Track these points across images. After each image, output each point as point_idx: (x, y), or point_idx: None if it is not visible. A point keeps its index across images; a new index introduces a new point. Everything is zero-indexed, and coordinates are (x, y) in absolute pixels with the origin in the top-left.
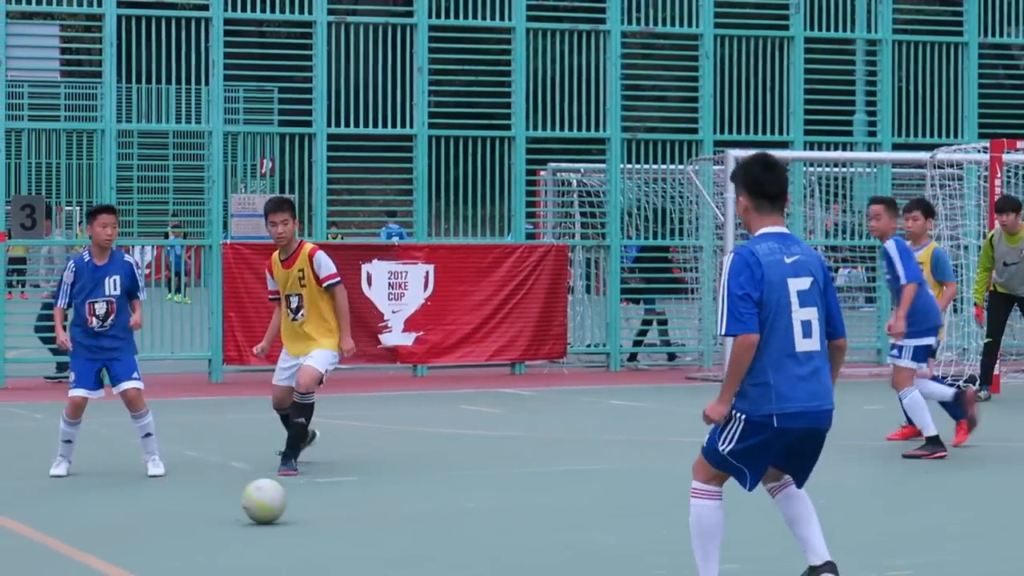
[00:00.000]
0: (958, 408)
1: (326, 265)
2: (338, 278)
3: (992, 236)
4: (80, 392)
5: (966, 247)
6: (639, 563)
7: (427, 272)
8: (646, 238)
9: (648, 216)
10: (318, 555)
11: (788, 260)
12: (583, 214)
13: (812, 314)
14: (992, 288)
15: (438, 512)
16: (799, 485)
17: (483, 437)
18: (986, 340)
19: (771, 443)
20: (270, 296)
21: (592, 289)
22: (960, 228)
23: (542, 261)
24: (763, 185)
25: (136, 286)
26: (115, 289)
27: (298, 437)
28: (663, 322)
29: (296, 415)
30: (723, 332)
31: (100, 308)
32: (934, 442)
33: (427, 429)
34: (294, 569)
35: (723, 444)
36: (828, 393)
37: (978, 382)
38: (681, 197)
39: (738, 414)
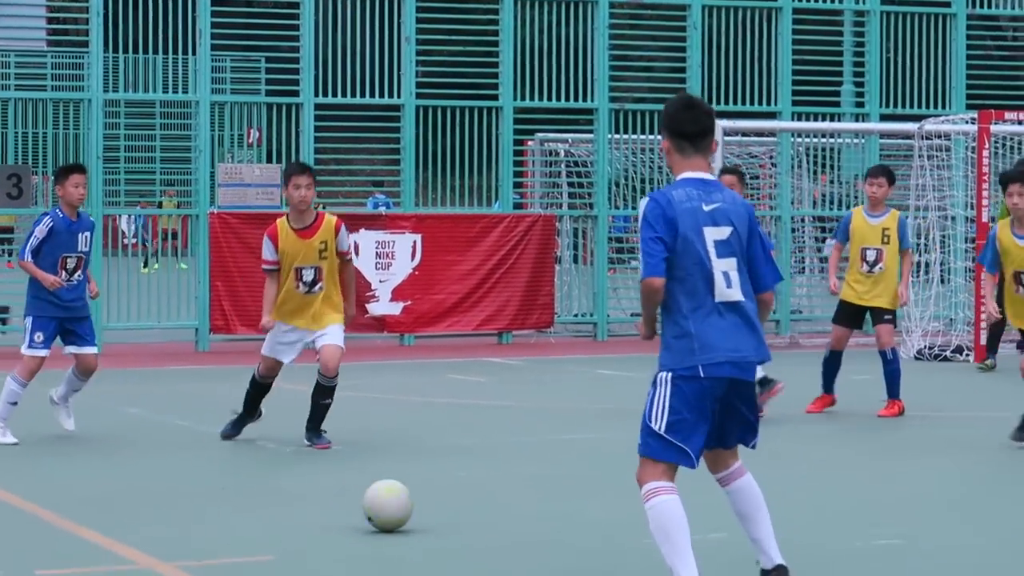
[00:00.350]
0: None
1: (348, 239)
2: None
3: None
4: (45, 353)
5: (953, 218)
6: (627, 533)
7: (414, 242)
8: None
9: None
10: (306, 524)
11: (707, 208)
12: (571, 184)
13: (731, 265)
14: None
15: (427, 481)
16: (749, 443)
17: (471, 406)
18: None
19: (703, 405)
20: (267, 267)
21: (580, 259)
22: (948, 199)
23: (530, 231)
24: (681, 124)
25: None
26: (85, 246)
27: (323, 417)
28: None
29: (324, 397)
30: (640, 277)
31: (71, 263)
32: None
33: (415, 398)
34: (282, 538)
35: (656, 421)
36: (754, 345)
37: (966, 352)
38: (669, 168)
39: (664, 375)
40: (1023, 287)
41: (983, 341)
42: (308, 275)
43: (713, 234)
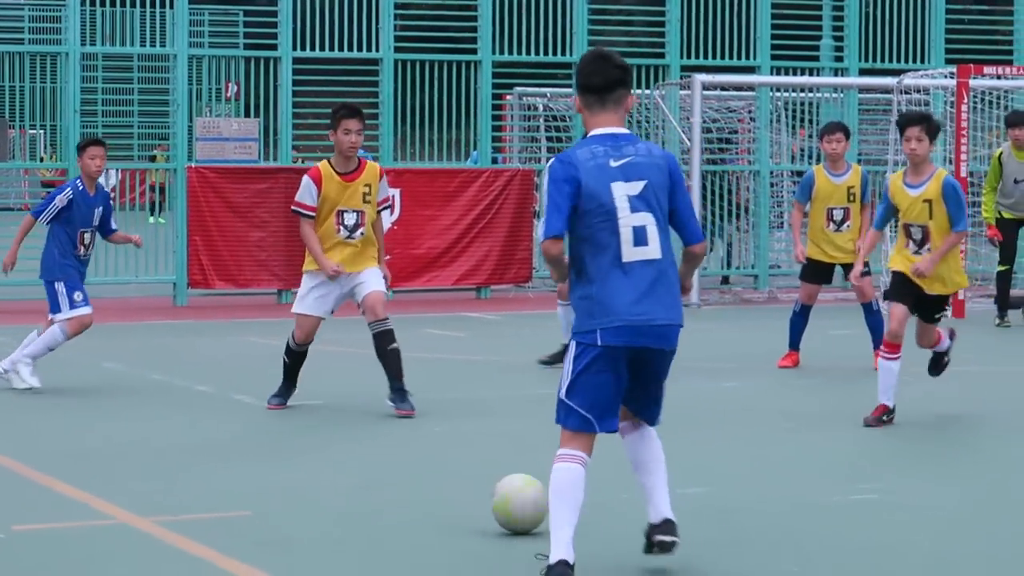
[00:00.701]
0: None
1: (387, 188)
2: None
3: (1000, 153)
4: (90, 309)
5: None
6: (604, 487)
7: (393, 196)
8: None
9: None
10: (286, 479)
11: (615, 163)
12: (549, 138)
13: (647, 219)
14: (999, 215)
15: (405, 437)
16: (650, 421)
17: (449, 361)
18: (1002, 268)
19: (605, 372)
20: (304, 211)
21: None
22: None
23: (508, 185)
24: (588, 77)
25: (110, 215)
26: (97, 220)
27: (398, 365)
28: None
29: (387, 343)
30: (542, 238)
31: (87, 237)
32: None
33: None
34: (261, 493)
35: (562, 389)
36: (667, 307)
37: (998, 309)
38: (647, 122)
39: (572, 342)
40: (913, 242)
41: (960, 296)
42: (350, 219)
43: (625, 189)
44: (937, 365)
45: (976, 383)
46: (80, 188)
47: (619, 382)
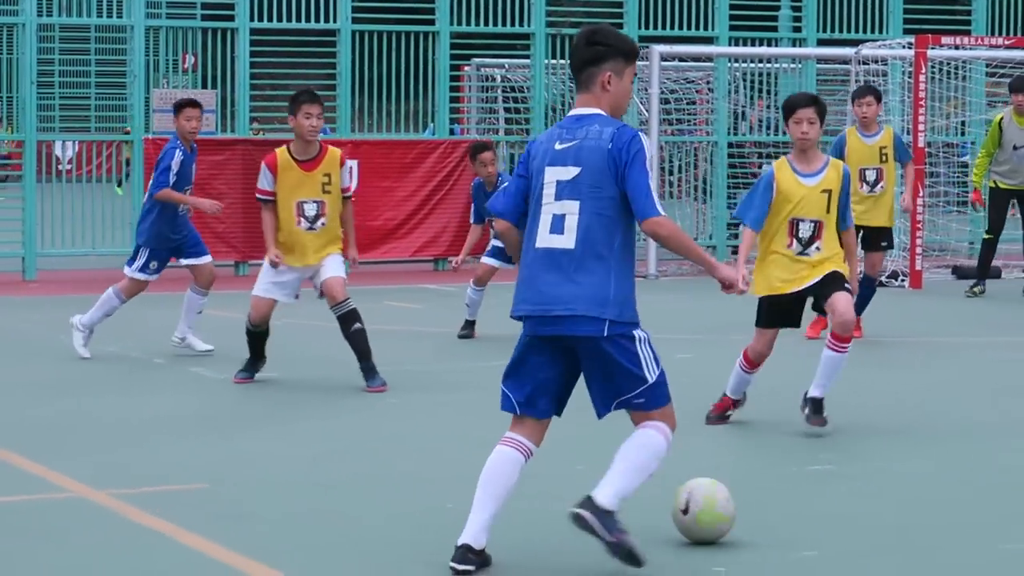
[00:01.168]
0: None
1: (353, 175)
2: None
3: (1001, 119)
4: (154, 279)
5: None
6: (561, 458)
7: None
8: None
9: None
10: (243, 452)
11: (559, 146)
12: (507, 110)
13: (571, 208)
14: (994, 184)
15: (361, 409)
16: (598, 414)
17: (407, 333)
18: (987, 236)
19: (528, 355)
20: (261, 196)
21: None
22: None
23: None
24: (570, 61)
25: None
26: (194, 176)
27: (365, 344)
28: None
29: (351, 324)
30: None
31: (188, 194)
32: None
33: None
34: (218, 466)
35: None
36: (571, 295)
37: (976, 278)
38: None
39: None
40: (797, 241)
41: (917, 267)
42: (311, 210)
43: (555, 174)
44: (818, 409)
45: (934, 353)
46: (182, 147)
47: (545, 368)
